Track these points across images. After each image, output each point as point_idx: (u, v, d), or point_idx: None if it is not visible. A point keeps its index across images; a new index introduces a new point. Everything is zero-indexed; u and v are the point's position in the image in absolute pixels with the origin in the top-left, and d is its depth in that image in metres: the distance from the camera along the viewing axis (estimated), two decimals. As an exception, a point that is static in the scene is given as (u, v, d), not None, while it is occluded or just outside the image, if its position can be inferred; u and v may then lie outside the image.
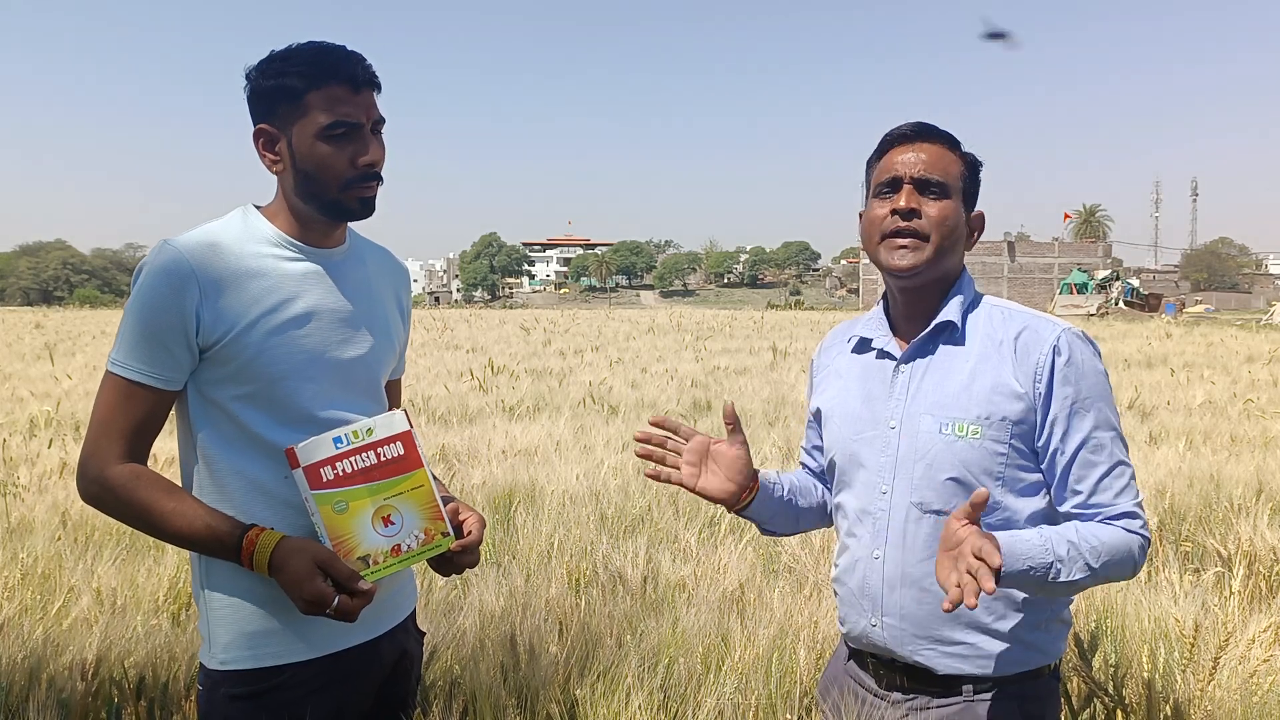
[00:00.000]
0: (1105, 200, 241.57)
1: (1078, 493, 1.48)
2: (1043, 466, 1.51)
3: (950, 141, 1.56)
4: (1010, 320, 1.54)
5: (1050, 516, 1.52)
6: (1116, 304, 46.48)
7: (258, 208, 1.58)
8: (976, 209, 1.60)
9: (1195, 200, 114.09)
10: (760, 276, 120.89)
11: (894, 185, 1.54)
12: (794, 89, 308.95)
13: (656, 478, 1.65)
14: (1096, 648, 2.78)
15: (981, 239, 1.63)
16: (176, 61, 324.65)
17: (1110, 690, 2.41)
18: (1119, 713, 2.38)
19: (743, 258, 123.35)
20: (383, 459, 1.52)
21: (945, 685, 1.52)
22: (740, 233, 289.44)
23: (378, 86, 1.53)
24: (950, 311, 1.55)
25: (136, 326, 1.44)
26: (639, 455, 1.65)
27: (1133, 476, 1.48)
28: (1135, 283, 52.05)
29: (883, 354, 1.62)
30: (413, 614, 1.74)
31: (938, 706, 1.52)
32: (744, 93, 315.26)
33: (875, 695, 1.61)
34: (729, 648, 2.78)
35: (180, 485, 1.53)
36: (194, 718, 2.47)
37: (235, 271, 1.48)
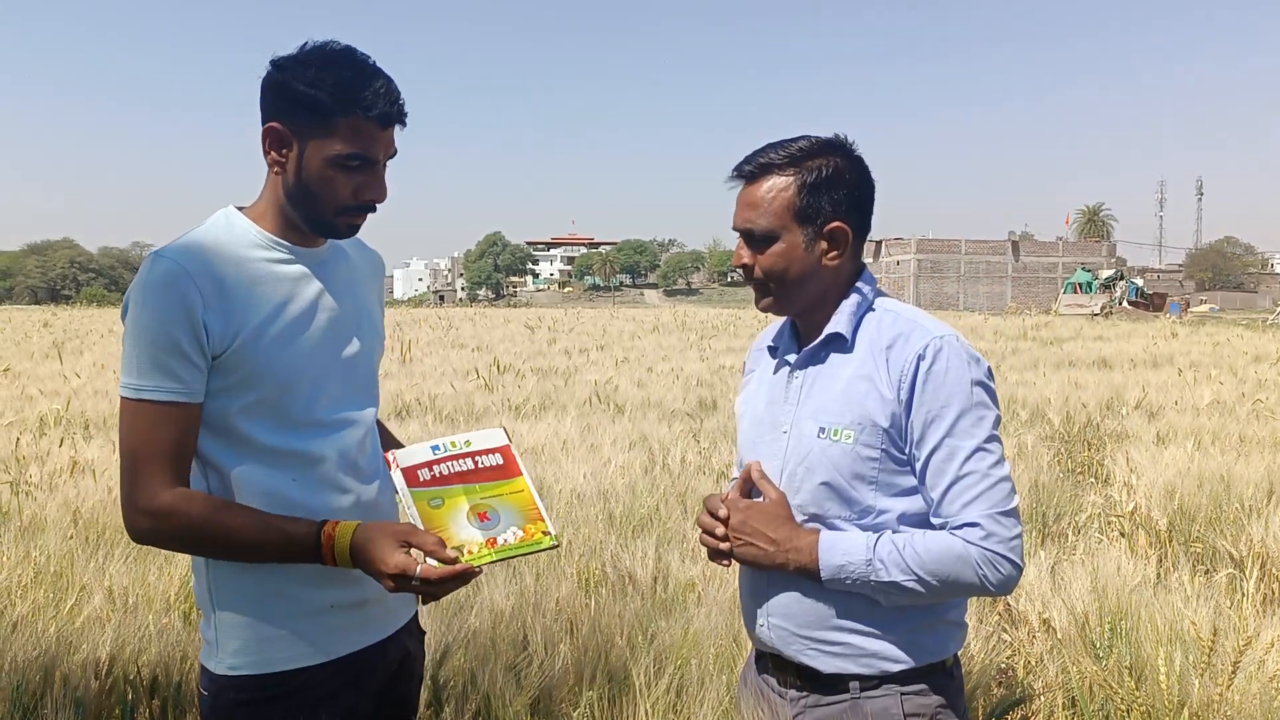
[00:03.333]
0: (1109, 199, 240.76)
1: (931, 500, 1.49)
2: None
3: (781, 165, 1.52)
4: (893, 325, 1.53)
5: (926, 520, 1.53)
6: (1121, 303, 46.35)
7: (240, 209, 1.54)
8: (833, 223, 1.52)
9: (1200, 199, 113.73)
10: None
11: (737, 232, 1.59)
12: (798, 87, 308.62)
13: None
14: (1110, 649, 2.77)
15: (985, 239, 1.61)
16: (183, 62, 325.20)
17: (1127, 692, 2.41)
18: (1133, 714, 2.38)
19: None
20: (480, 465, 1.55)
21: (833, 683, 1.55)
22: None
23: (404, 124, 1.50)
24: (838, 323, 1.55)
25: (149, 344, 1.40)
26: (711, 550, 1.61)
27: (992, 487, 1.45)
28: (1139, 282, 51.90)
29: (784, 361, 1.65)
30: (415, 615, 1.73)
31: (828, 703, 1.55)
32: (747, 91, 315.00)
33: (775, 692, 1.64)
34: (740, 648, 2.78)
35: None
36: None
37: (233, 278, 1.45)
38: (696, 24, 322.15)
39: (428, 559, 1.39)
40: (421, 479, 1.50)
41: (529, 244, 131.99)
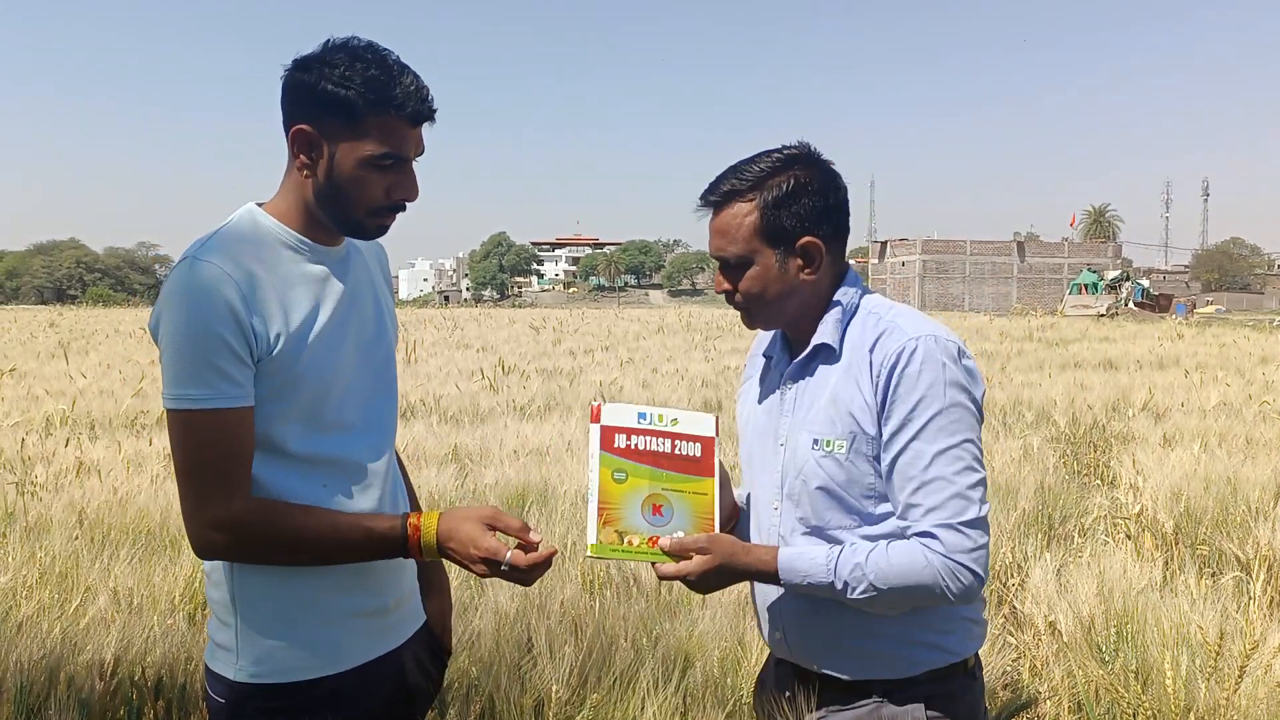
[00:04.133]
0: (1115, 200, 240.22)
1: (897, 503, 1.48)
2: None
3: (742, 190, 1.52)
4: (875, 327, 1.52)
5: None
6: (1126, 304, 46.23)
7: (260, 205, 1.51)
8: (804, 238, 1.52)
9: (1206, 200, 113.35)
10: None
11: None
12: (801, 88, 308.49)
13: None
14: (1116, 653, 2.76)
15: (991, 239, 1.60)
16: (188, 61, 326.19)
17: (1133, 696, 2.40)
18: (1139, 718, 2.36)
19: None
20: (677, 452, 1.52)
21: (856, 689, 1.55)
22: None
23: (434, 121, 1.48)
24: (824, 333, 1.55)
25: (197, 349, 1.34)
26: None
27: (957, 495, 1.42)
28: (1145, 283, 51.79)
29: (778, 372, 1.65)
30: (426, 621, 1.71)
31: (852, 708, 1.55)
32: (753, 92, 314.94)
33: (796, 698, 1.63)
34: (745, 651, 2.77)
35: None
36: None
37: (269, 280, 1.42)
38: (701, 25, 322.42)
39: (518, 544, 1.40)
40: (616, 445, 1.49)
41: (534, 244, 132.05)
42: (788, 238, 1.52)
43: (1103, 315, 39.82)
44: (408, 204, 1.49)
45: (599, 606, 3.11)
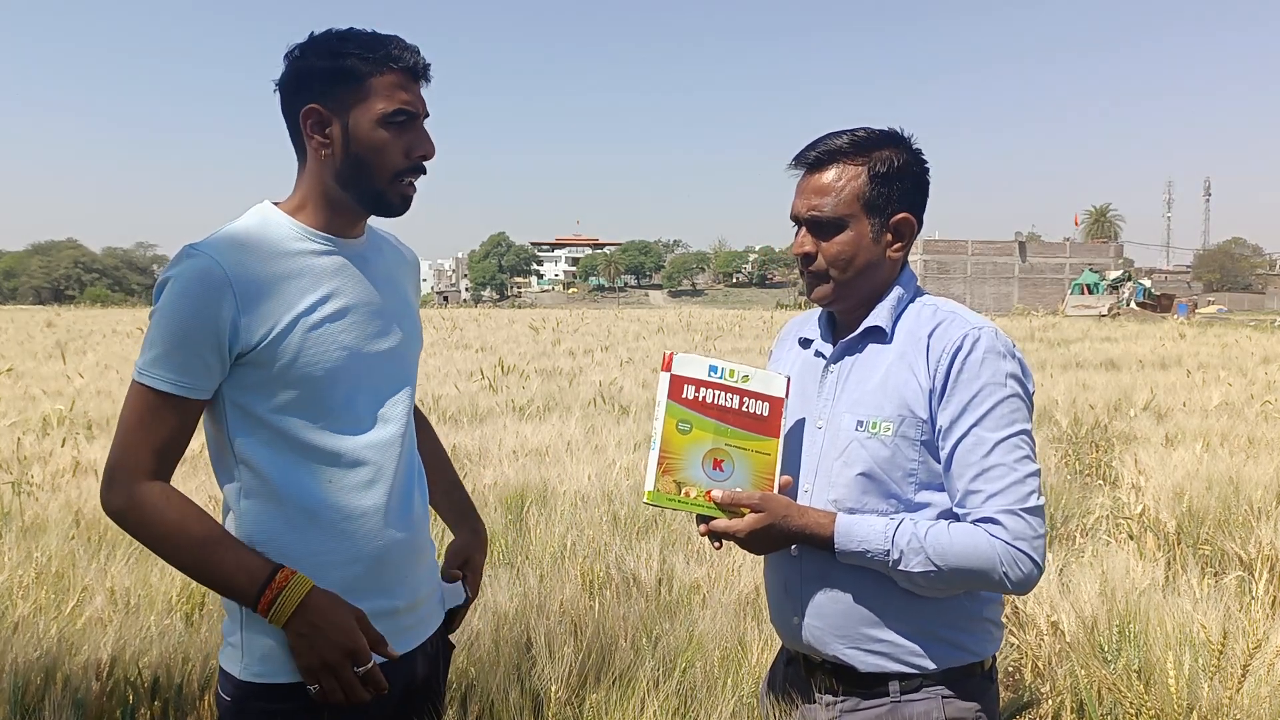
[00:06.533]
0: (1117, 200, 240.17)
1: (955, 491, 1.47)
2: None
3: (850, 154, 1.52)
4: (933, 316, 1.53)
5: None
6: (1128, 304, 46.23)
7: (275, 204, 1.52)
8: (900, 214, 1.53)
9: (1208, 200, 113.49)
10: (769, 276, 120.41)
11: (795, 222, 1.58)
12: (804, 88, 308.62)
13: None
14: (1119, 653, 2.75)
15: (992, 239, 1.60)
16: (188, 60, 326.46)
17: (1136, 696, 2.38)
18: (1141, 718, 2.35)
19: (751, 257, 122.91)
20: (744, 409, 1.52)
21: (871, 684, 1.52)
22: (749, 232, 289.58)
23: (429, 80, 1.51)
24: (879, 316, 1.55)
25: (168, 334, 1.38)
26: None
27: (1019, 482, 1.43)
28: (1147, 283, 51.77)
29: (818, 354, 1.64)
30: (439, 627, 1.69)
31: (867, 707, 1.52)
32: (754, 92, 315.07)
33: (808, 696, 1.61)
34: (745, 650, 2.76)
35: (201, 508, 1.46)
36: (208, 719, 2.47)
37: (270, 274, 1.43)
38: (701, 27, 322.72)
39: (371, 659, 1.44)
40: (684, 395, 1.48)
41: (533, 244, 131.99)
42: (887, 210, 1.52)
43: (1104, 315, 39.82)
44: (427, 163, 1.51)
45: (598, 606, 3.10)
